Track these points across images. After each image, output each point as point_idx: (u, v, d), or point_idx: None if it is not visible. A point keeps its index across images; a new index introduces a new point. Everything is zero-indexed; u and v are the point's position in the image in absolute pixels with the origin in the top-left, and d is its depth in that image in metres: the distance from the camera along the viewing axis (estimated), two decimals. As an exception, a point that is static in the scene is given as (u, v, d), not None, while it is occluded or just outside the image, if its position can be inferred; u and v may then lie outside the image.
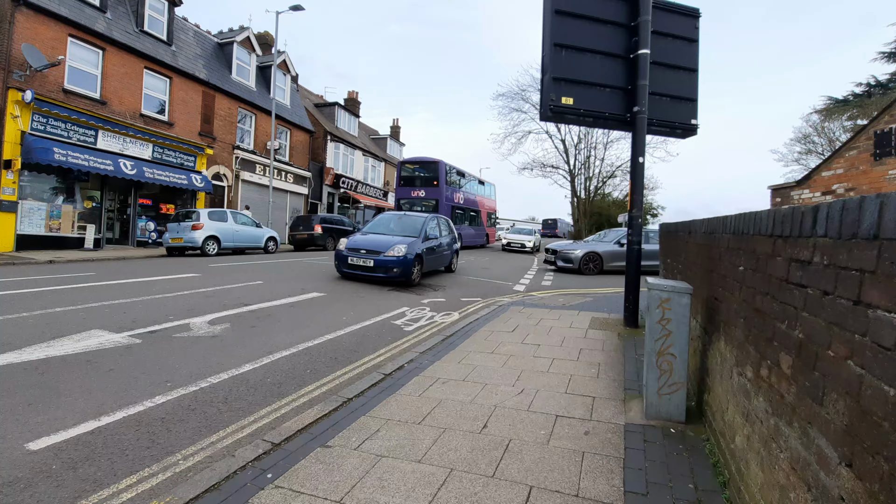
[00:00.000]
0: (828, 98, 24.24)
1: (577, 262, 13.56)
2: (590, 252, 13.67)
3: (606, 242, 14.40)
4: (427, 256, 10.05)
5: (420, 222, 10.70)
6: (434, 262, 10.71)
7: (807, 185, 9.57)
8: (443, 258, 11.32)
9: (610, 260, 13.65)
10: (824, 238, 1.36)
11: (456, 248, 12.36)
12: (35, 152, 12.36)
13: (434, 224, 11.12)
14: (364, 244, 9.51)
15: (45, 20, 13.04)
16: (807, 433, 1.38)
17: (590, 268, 13.53)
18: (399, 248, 9.13)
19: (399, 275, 8.97)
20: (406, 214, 11.45)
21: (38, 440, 2.67)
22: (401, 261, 8.97)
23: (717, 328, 2.77)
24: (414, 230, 10.31)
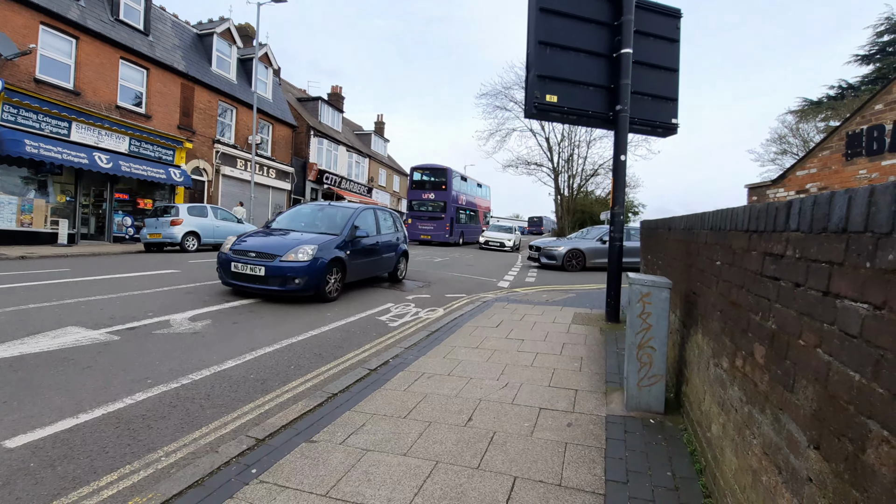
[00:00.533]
0: (803, 100, 24.94)
1: (560, 259, 13.70)
2: (573, 249, 13.85)
3: (589, 239, 14.57)
4: (354, 261, 7.58)
5: (347, 214, 8.05)
6: (367, 267, 8.20)
7: (782, 184, 9.85)
8: (381, 262, 8.74)
9: (592, 257, 13.85)
10: (797, 232, 1.41)
11: (403, 248, 9.72)
12: (5, 144, 11.94)
13: (369, 217, 8.57)
14: (255, 246, 6.84)
15: (14, 6, 12.58)
16: (778, 419, 1.44)
17: (573, 264, 13.71)
18: (305, 249, 6.61)
19: (304, 287, 6.49)
20: (330, 205, 8.79)
21: (15, 438, 2.60)
22: (306, 268, 6.48)
23: (695, 321, 2.85)
24: (335, 226, 7.77)
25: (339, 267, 7.16)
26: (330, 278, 6.93)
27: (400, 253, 9.55)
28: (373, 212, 8.87)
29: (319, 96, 29.98)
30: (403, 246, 9.85)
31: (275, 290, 6.47)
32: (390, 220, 9.70)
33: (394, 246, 9.28)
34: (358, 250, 7.73)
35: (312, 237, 7.15)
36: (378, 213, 9.08)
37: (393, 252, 9.17)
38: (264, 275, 6.45)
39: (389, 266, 9.17)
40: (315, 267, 6.60)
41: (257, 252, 6.69)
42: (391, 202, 38.88)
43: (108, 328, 4.82)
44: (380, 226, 8.88)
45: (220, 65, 20.48)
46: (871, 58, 21.14)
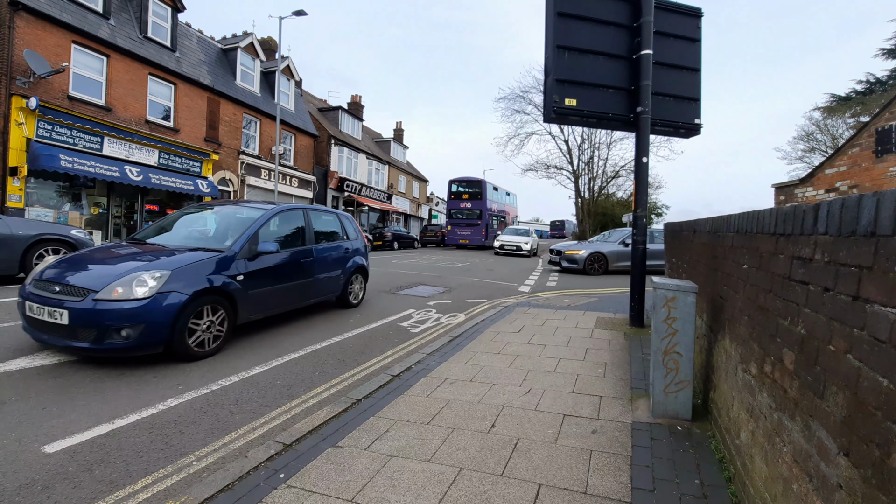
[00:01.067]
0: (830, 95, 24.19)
1: (581, 263, 13.55)
2: (594, 252, 13.67)
3: (611, 243, 14.35)
4: (257, 288, 5.04)
5: (249, 219, 5.43)
6: (287, 294, 5.67)
7: (810, 183, 9.55)
8: (317, 285, 6.26)
9: (615, 260, 13.62)
10: (825, 236, 1.39)
11: (358, 263, 7.26)
12: (41, 159, 12.51)
13: (291, 222, 6.12)
14: (63, 275, 4.21)
15: (47, 26, 13.20)
16: (808, 426, 1.41)
17: (595, 268, 13.52)
18: (143, 278, 4.09)
19: (137, 342, 3.94)
20: (240, 205, 6.05)
21: (54, 443, 2.72)
22: (142, 310, 3.94)
23: (722, 326, 2.79)
24: (224, 237, 5.24)
25: (221, 301, 4.53)
26: (199, 323, 4.29)
27: (352, 270, 7.06)
28: (302, 214, 6.31)
29: (340, 106, 30.48)
30: (360, 260, 7.35)
31: (86, 348, 3.87)
32: (335, 223, 7.14)
33: (341, 260, 6.82)
34: (265, 272, 5.16)
35: (167, 260, 4.42)
36: (311, 216, 6.45)
37: (339, 270, 6.73)
38: (68, 323, 3.85)
39: (334, 288, 6.68)
40: (160, 308, 4.01)
41: (63, 285, 4.06)
42: (411, 208, 39.14)
43: (140, 336, 4.97)
44: (312, 234, 6.28)
45: (244, 78, 21.05)
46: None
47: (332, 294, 6.75)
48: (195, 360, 4.29)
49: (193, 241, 5.26)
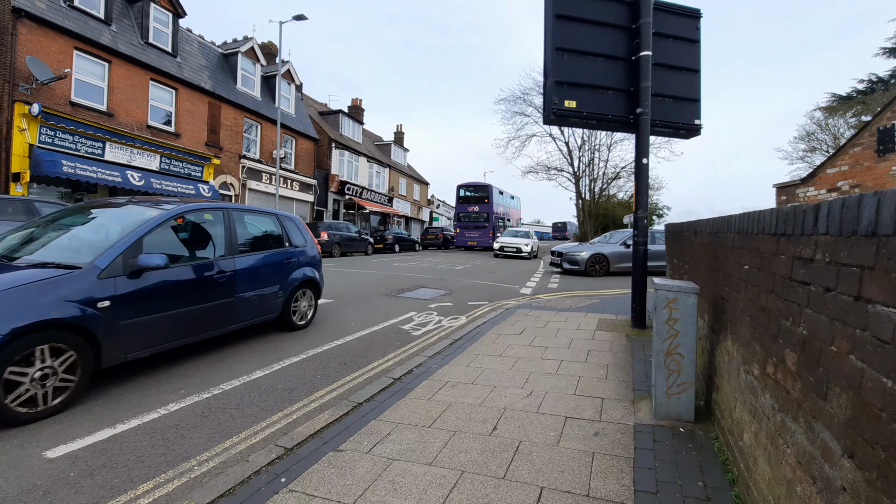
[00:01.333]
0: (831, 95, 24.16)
1: (582, 264, 13.49)
2: (596, 254, 13.60)
3: (612, 244, 14.24)
4: (143, 318, 3.73)
5: (134, 223, 3.97)
6: (196, 321, 4.30)
7: (812, 183, 9.54)
8: (245, 305, 4.87)
9: (616, 261, 13.56)
10: (826, 236, 1.38)
11: (304, 276, 5.85)
12: (43, 165, 12.55)
13: (210, 224, 4.73)
14: None
15: (49, 33, 13.27)
16: (812, 428, 1.40)
17: (596, 269, 13.45)
18: None
19: None
20: (130, 203, 4.44)
21: (56, 448, 2.72)
22: None
23: (723, 327, 2.78)
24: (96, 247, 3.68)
25: (69, 339, 3.22)
26: (25, 373, 2.99)
27: (296, 284, 5.70)
28: (222, 215, 4.89)
29: (340, 109, 30.56)
30: (309, 272, 6.01)
31: None
32: (273, 227, 5.78)
33: (280, 273, 5.46)
34: (152, 293, 3.82)
35: None
36: (235, 218, 5.05)
37: (277, 285, 5.37)
38: None
39: (269, 308, 5.30)
40: None
41: None
42: (412, 211, 39.17)
43: (142, 340, 4.97)
44: (234, 241, 4.89)
45: (245, 83, 21.12)
46: (902, 50, 20.33)
47: (267, 315, 5.31)
48: (17, 425, 2.97)
49: (59, 253, 3.77)
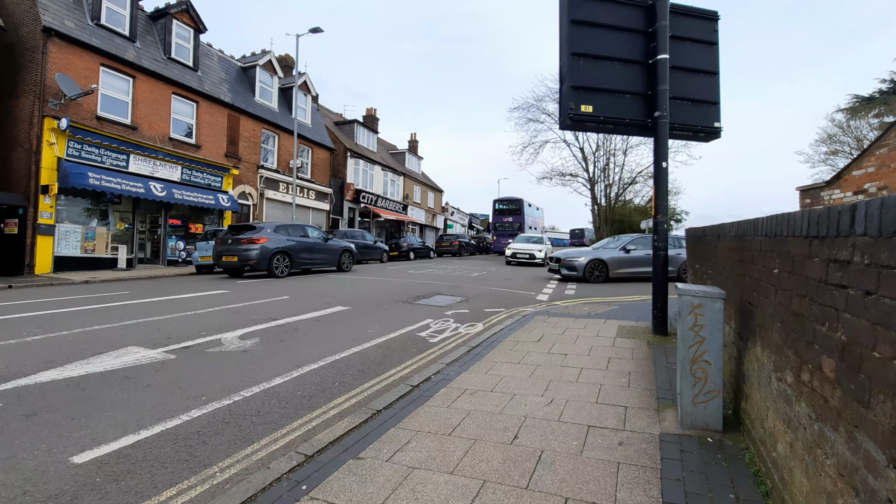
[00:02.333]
0: (853, 96, 23.60)
1: (581, 270, 12.96)
2: (594, 259, 13.08)
3: (611, 249, 13.65)
4: None
5: None
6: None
7: (837, 185, 9.28)
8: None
9: (616, 267, 13.09)
10: (864, 237, 1.33)
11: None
12: (71, 177, 12.96)
13: None
14: None
15: (77, 50, 13.75)
16: (853, 437, 1.33)
17: (595, 276, 12.97)
18: None
19: None
20: None
21: (82, 454, 2.76)
22: None
23: (752, 333, 2.70)
24: None
25: None
26: None
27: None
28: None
29: (355, 119, 30.95)
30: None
31: None
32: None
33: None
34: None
35: None
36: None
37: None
38: None
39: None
40: None
41: None
42: (426, 218, 39.29)
43: (164, 347, 5.07)
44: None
45: (263, 94, 21.55)
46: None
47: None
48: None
49: None
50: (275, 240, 12.96)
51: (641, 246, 13.30)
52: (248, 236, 12.70)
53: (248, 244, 12.54)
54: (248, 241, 12.56)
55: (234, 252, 12.59)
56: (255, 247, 12.51)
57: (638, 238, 13.75)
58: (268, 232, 12.96)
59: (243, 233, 12.97)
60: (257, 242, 12.55)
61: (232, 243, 12.75)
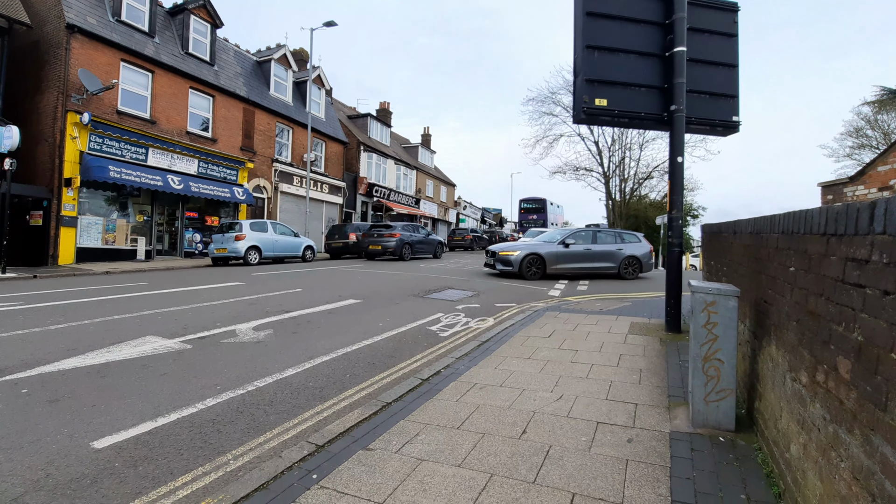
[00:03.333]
0: (881, 88, 22.81)
1: (516, 265, 12.03)
2: (531, 254, 12.11)
3: (551, 243, 12.68)
4: None
5: None
6: None
7: (861, 181, 9.02)
8: None
9: (554, 262, 12.24)
10: (883, 235, 1.29)
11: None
12: (92, 170, 13.26)
13: None
14: None
15: (98, 46, 14.00)
16: (869, 440, 1.31)
17: (532, 271, 12.08)
18: None
19: None
20: None
21: (102, 439, 2.85)
22: None
23: (767, 332, 2.65)
24: None
25: None
26: None
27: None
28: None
29: (368, 113, 31.00)
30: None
31: None
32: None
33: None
34: None
35: None
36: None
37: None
38: None
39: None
40: None
41: None
42: (438, 212, 39.29)
43: (181, 337, 5.18)
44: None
45: (278, 88, 21.71)
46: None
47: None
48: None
49: None
50: (404, 235, 18.13)
51: (581, 240, 12.75)
52: (389, 231, 18.10)
53: (389, 237, 17.85)
54: (389, 235, 17.95)
55: (379, 242, 17.85)
56: (393, 239, 17.74)
57: (578, 232, 13.17)
58: (399, 228, 18.35)
59: (384, 230, 18.33)
60: (395, 236, 17.79)
61: (377, 236, 18.06)
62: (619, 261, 12.70)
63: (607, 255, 12.67)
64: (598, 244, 12.68)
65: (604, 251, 12.66)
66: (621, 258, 12.70)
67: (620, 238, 13.27)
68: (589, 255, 12.51)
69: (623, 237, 13.37)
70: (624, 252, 12.80)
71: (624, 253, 12.79)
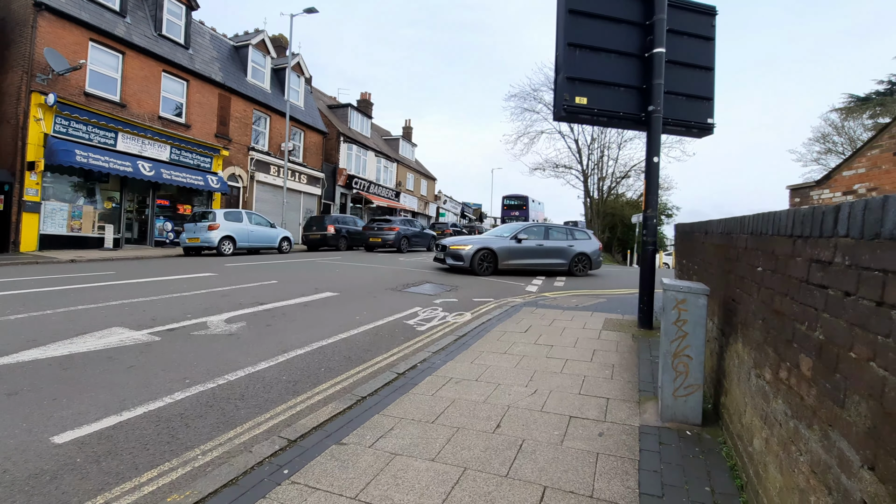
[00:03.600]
0: (849, 96, 23.74)
1: (468, 260, 11.53)
2: (482, 249, 11.68)
3: (503, 238, 12.29)
4: None
5: None
6: None
7: (827, 185, 9.37)
8: None
9: (506, 258, 11.85)
10: (846, 238, 1.34)
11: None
12: (57, 154, 12.70)
13: None
14: None
15: (66, 25, 13.38)
16: (828, 436, 1.36)
17: (484, 267, 11.66)
18: None
19: None
20: None
21: (63, 434, 2.74)
22: None
23: (734, 330, 2.73)
24: None
25: None
26: None
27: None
28: None
29: (349, 103, 30.55)
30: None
31: None
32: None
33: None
34: None
35: None
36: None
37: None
38: None
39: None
40: None
41: None
42: (419, 206, 39.15)
43: (149, 329, 5.03)
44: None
45: (255, 75, 21.17)
46: (924, 51, 19.93)
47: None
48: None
49: None
50: (402, 229, 19.35)
51: (534, 236, 12.44)
52: (389, 225, 19.37)
53: (389, 230, 19.05)
54: (388, 228, 19.20)
55: (379, 235, 19.01)
56: (392, 232, 18.93)
57: (531, 227, 12.88)
58: (398, 223, 19.65)
59: (384, 223, 19.60)
60: (394, 230, 19.03)
61: (378, 229, 19.25)
62: (569, 257, 12.57)
63: (559, 251, 12.54)
64: (550, 240, 12.52)
65: (555, 247, 12.49)
66: (572, 255, 12.59)
67: (571, 234, 13.16)
68: (541, 252, 12.32)
69: (574, 234, 13.26)
70: (575, 249, 12.69)
71: (575, 250, 12.68)
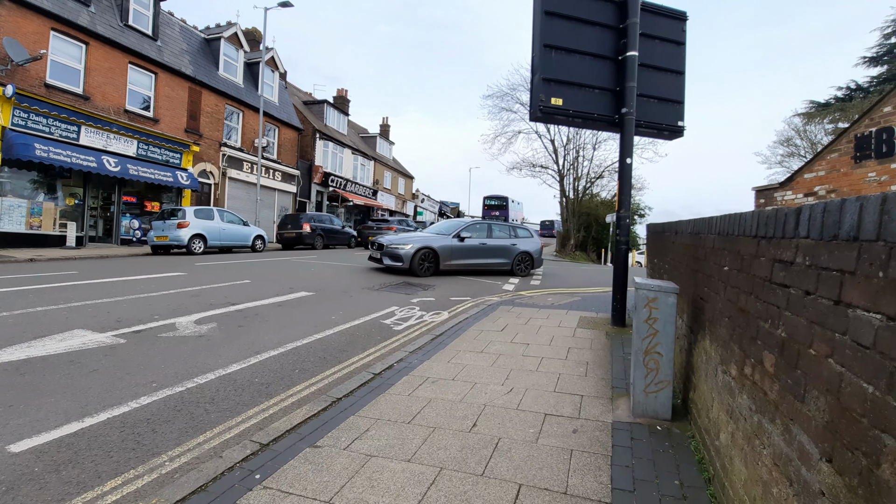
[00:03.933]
0: (810, 102, 24.75)
1: (407, 261, 10.64)
2: (423, 248, 10.81)
3: (445, 235, 11.53)
4: None
5: None
6: None
7: (790, 187, 9.75)
8: None
9: (448, 258, 11.15)
10: (807, 239, 1.39)
11: None
12: (15, 148, 12.09)
13: None
14: None
15: (26, 13, 12.76)
16: (789, 429, 1.41)
17: (424, 268, 10.81)
18: None
19: None
20: None
21: (20, 442, 2.61)
22: None
23: (702, 327, 2.81)
24: None
25: None
26: None
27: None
28: None
29: (325, 99, 30.12)
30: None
31: None
32: None
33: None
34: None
35: None
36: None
37: None
38: None
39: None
40: None
41: None
42: (396, 204, 38.95)
43: (114, 331, 4.84)
44: None
45: (227, 69, 20.64)
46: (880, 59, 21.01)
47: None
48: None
49: None
50: (399, 229, 20.81)
51: (477, 234, 11.83)
52: (387, 225, 22.24)
53: (387, 230, 20.86)
54: (386, 228, 21.54)
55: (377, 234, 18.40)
56: (391, 232, 19.27)
57: (473, 224, 12.27)
58: (395, 223, 22.45)
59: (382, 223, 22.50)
60: (392, 230, 20.58)
61: (376, 229, 21.37)
62: (512, 257, 12.04)
63: (502, 250, 12.02)
64: (494, 238, 12.01)
65: (499, 246, 11.96)
66: (515, 254, 12.06)
67: (514, 233, 12.70)
68: (484, 251, 11.76)
69: (517, 231, 12.80)
70: (518, 248, 12.16)
71: (518, 248, 12.16)
